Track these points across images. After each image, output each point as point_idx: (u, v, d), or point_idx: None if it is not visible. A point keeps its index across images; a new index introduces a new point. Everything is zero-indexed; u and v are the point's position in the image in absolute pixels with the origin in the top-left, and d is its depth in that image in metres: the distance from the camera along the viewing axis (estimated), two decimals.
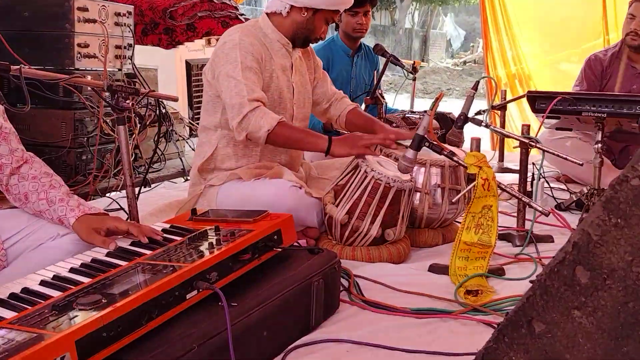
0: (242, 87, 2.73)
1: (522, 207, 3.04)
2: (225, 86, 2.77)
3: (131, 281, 1.66)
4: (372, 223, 2.67)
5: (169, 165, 4.70)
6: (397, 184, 2.66)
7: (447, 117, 4.24)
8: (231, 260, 1.86)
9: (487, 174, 2.40)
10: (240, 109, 2.71)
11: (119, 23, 4.14)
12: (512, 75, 6.39)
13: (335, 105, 3.24)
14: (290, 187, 2.79)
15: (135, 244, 2.01)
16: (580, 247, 1.04)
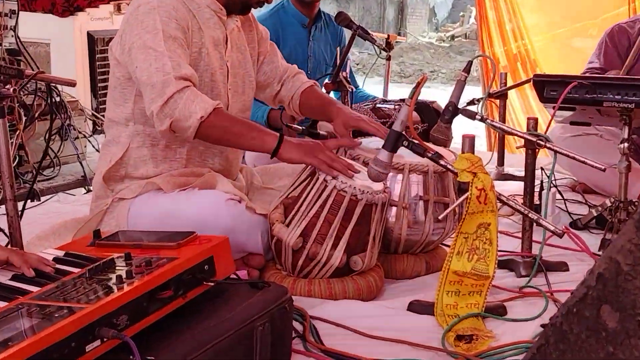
0: (166, 61, 2.70)
1: (528, 226, 3.05)
2: (141, 60, 2.74)
3: (12, 328, 1.63)
4: (335, 248, 2.66)
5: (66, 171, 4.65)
6: (366, 195, 2.65)
7: (431, 107, 4.27)
8: (147, 298, 1.84)
9: (484, 182, 2.41)
10: (164, 88, 2.68)
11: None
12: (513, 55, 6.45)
13: (287, 84, 3.27)
14: (227, 200, 2.77)
15: (18, 278, 1.98)
16: (607, 281, 1.04)
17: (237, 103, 3.07)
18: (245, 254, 2.86)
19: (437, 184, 2.98)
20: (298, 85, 3.25)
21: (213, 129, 2.71)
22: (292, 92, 3.26)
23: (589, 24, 6.24)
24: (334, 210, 2.66)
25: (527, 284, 2.89)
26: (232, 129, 2.74)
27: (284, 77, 3.27)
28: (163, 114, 2.69)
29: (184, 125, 2.68)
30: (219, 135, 2.76)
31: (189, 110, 2.67)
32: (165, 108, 2.68)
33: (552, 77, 3.40)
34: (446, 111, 3.00)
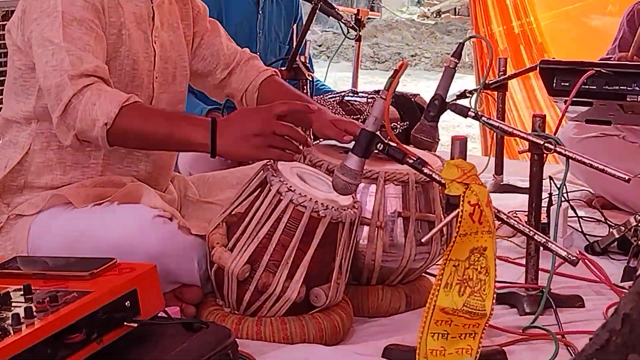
0: (64, 56, 2.68)
1: (533, 250, 3.07)
2: (38, 55, 2.73)
3: None
4: (291, 278, 2.66)
5: None
6: (330, 212, 2.65)
7: (413, 102, 4.28)
8: (52, 344, 1.84)
9: (478, 195, 2.41)
10: (59, 94, 2.66)
11: None
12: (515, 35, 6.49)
13: (238, 73, 3.27)
14: (154, 218, 2.76)
15: None
16: (635, 324, 1.04)
17: (165, 95, 3.06)
18: (178, 285, 2.85)
19: (420, 198, 2.99)
20: (253, 75, 3.25)
21: (126, 135, 2.68)
22: (245, 85, 3.25)
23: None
24: (291, 230, 2.66)
25: (533, 324, 2.90)
26: (149, 131, 2.70)
27: (231, 63, 3.26)
28: (64, 125, 2.68)
29: (91, 135, 2.66)
30: (136, 141, 2.75)
31: (91, 117, 2.63)
32: (65, 118, 2.66)
33: (563, 63, 3.43)
34: (431, 106, 3.02)
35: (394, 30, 22.13)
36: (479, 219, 2.43)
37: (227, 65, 3.25)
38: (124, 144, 2.79)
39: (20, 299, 1.97)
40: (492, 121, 3.08)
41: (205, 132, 2.67)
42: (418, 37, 21.63)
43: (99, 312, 1.97)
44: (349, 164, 2.55)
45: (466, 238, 2.44)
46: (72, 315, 1.90)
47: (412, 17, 25.34)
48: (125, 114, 2.65)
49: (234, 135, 2.66)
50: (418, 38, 21.55)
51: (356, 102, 4.12)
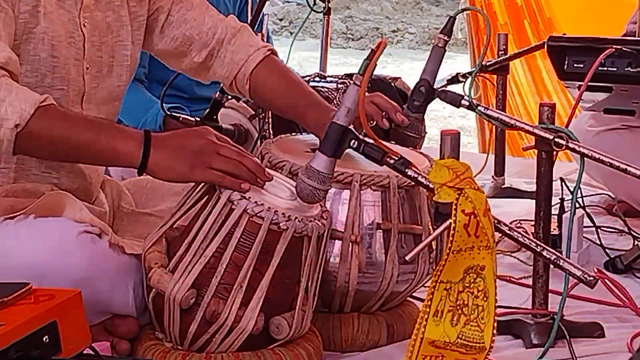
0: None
1: (542, 269, 3.08)
2: None
3: None
4: (246, 305, 2.66)
5: None
6: (294, 223, 2.66)
7: (394, 88, 4.30)
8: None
9: (475, 203, 2.42)
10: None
11: None
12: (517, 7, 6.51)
13: (224, 53, 3.28)
14: (80, 234, 2.75)
15: None
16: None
17: (100, 91, 3.07)
18: (109, 316, 2.85)
19: (404, 205, 3.01)
20: (241, 59, 3.26)
21: (38, 141, 2.67)
22: (232, 71, 3.27)
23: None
24: (245, 247, 2.66)
25: (542, 358, 2.91)
26: (68, 137, 2.69)
27: (210, 43, 3.26)
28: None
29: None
30: (49, 149, 2.74)
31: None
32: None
33: (576, 40, 3.45)
34: (416, 94, 3.04)
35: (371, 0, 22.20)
36: (475, 232, 2.44)
37: (205, 45, 3.26)
38: (33, 152, 2.78)
39: None
40: (490, 111, 3.09)
41: (136, 143, 2.67)
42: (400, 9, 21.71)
43: (10, 349, 1.97)
44: (317, 165, 2.57)
45: (460, 255, 2.45)
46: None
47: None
48: (41, 116, 2.64)
49: (170, 151, 2.68)
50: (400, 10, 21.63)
51: (324, 89, 4.12)
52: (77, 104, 2.99)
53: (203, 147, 2.68)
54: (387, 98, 3.14)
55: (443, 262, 2.45)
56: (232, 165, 2.66)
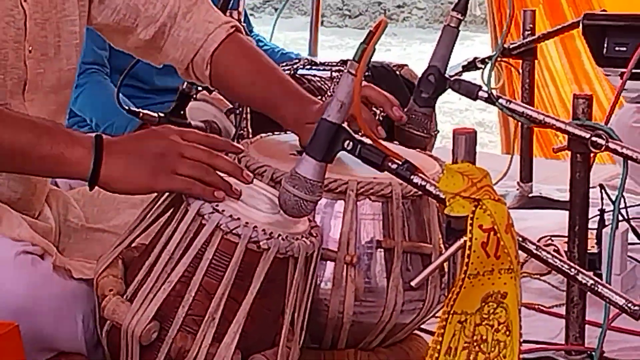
0: None
1: (577, 296, 3.08)
2: None
3: None
4: (219, 341, 2.66)
5: None
6: (277, 242, 2.66)
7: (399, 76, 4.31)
8: None
9: (495, 217, 2.41)
10: None
11: None
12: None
13: (177, 31, 3.29)
14: (18, 254, 2.75)
15: None
16: None
17: (47, 77, 3.08)
18: (54, 353, 2.85)
19: (410, 219, 3.02)
20: (199, 37, 3.28)
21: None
22: (188, 53, 3.29)
23: None
24: (218, 270, 2.66)
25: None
26: (6, 136, 2.70)
27: (158, 17, 3.27)
28: None
29: None
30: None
31: None
32: None
33: (617, 19, 3.45)
34: (424, 84, 3.04)
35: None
36: (495, 252, 2.43)
37: (153, 20, 3.26)
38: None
39: None
40: (513, 105, 3.10)
41: (85, 151, 2.67)
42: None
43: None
44: (303, 171, 2.57)
45: (477, 280, 2.45)
46: None
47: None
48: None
49: (126, 158, 2.68)
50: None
51: (315, 78, 4.13)
52: (18, 95, 3.00)
53: (165, 149, 2.67)
54: (380, 89, 3.12)
55: (457, 288, 2.44)
56: (202, 170, 2.66)
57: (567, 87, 6.42)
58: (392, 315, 2.99)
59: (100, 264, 2.81)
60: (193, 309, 2.66)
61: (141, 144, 2.70)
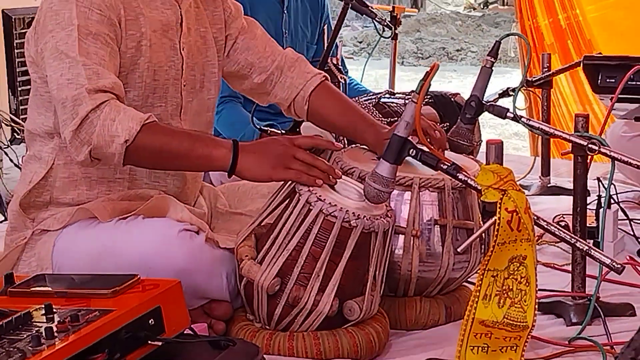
0: (80, 70, 2.71)
1: (579, 257, 3.06)
2: (53, 68, 2.76)
3: None
4: (323, 291, 2.68)
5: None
6: (362, 221, 2.67)
7: (453, 102, 4.28)
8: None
9: (516, 202, 2.41)
10: (75, 107, 2.69)
11: None
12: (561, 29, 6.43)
13: (283, 80, 3.26)
14: (180, 231, 2.78)
15: None
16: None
17: (194, 103, 3.10)
18: (206, 301, 2.88)
19: (458, 204, 3.00)
20: (299, 83, 3.24)
21: (146, 153, 2.72)
22: (291, 94, 3.25)
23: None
24: (321, 242, 2.67)
25: (579, 335, 2.90)
26: (170, 147, 2.74)
27: (268, 68, 3.24)
28: (78, 140, 2.69)
29: (106, 152, 2.69)
30: (153, 159, 2.79)
31: (110, 132, 2.66)
32: (79, 133, 2.68)
33: (608, 59, 3.44)
34: (468, 108, 3.03)
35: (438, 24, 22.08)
36: (517, 227, 2.43)
37: (264, 70, 3.24)
38: (139, 162, 2.82)
39: (42, 319, 2.00)
40: (532, 122, 3.09)
41: (226, 150, 2.72)
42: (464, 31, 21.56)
43: (121, 331, 1.98)
44: (381, 171, 2.59)
45: (504, 247, 2.44)
46: (93, 334, 1.92)
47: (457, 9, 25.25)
48: (146, 131, 2.69)
49: (254, 155, 2.73)
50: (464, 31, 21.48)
51: (393, 104, 4.11)
52: (176, 116, 3.03)
53: (282, 152, 2.72)
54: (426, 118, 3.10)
55: (490, 252, 2.45)
56: (307, 167, 2.70)
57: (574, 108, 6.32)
58: (446, 272, 2.98)
59: (239, 237, 2.85)
60: (304, 268, 2.68)
61: (265, 147, 2.75)
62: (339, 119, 3.21)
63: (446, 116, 4.19)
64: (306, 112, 3.25)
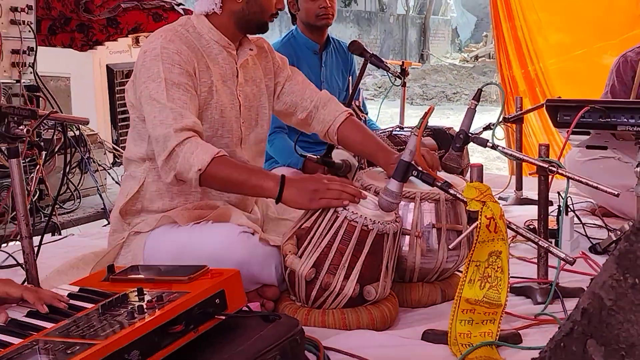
0: (168, 113, 2.76)
1: (543, 252, 3.06)
2: (148, 112, 2.82)
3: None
4: (347, 278, 2.68)
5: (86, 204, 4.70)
6: (377, 225, 2.68)
7: (448, 134, 4.29)
8: (158, 333, 1.87)
9: (493, 210, 2.43)
10: (166, 142, 2.75)
11: (16, 21, 4.16)
12: (531, 78, 6.42)
13: (319, 115, 3.27)
14: (240, 233, 2.80)
15: (33, 314, 2.02)
16: (592, 316, 1.06)
17: (251, 136, 3.11)
18: (259, 285, 2.89)
19: (450, 212, 2.99)
20: (332, 117, 3.25)
21: (214, 179, 2.76)
22: (325, 126, 3.26)
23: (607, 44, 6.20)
24: (346, 241, 2.68)
25: (543, 311, 2.89)
26: (232, 177, 2.76)
27: (309, 107, 3.26)
28: (167, 167, 2.76)
29: (186, 177, 2.74)
30: (220, 185, 2.82)
31: (189, 162, 2.71)
32: (168, 161, 2.75)
33: (564, 101, 3.42)
34: (457, 139, 3.03)
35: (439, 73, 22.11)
36: (494, 229, 2.45)
37: (305, 109, 3.25)
38: (210, 186, 2.85)
39: (135, 299, 2.01)
40: (506, 150, 3.07)
41: (275, 184, 2.73)
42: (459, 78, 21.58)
43: (195, 308, 2.00)
44: (391, 187, 2.60)
45: (485, 244, 2.46)
46: (174, 310, 1.93)
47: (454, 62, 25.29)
48: (215, 163, 2.72)
49: (297, 190, 2.72)
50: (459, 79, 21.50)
51: (402, 135, 4.13)
52: (238, 146, 3.05)
53: (317, 187, 2.72)
54: (427, 147, 3.11)
55: (474, 248, 2.47)
56: (337, 193, 2.70)
57: (540, 138, 6.29)
58: (441, 264, 2.98)
59: (284, 237, 2.85)
60: (333, 261, 2.68)
61: (305, 184, 2.74)
62: (360, 145, 3.22)
63: (442, 145, 4.21)
64: (336, 139, 3.26)
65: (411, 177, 2.60)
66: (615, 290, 1.03)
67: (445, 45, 32.90)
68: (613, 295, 1.03)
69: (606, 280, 1.05)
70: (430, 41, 30.52)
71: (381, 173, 3.17)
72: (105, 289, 2.19)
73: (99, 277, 2.34)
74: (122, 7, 5.57)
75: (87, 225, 4.55)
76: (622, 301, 1.03)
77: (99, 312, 1.95)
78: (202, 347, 2.02)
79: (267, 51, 3.25)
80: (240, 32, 3.04)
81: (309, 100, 3.26)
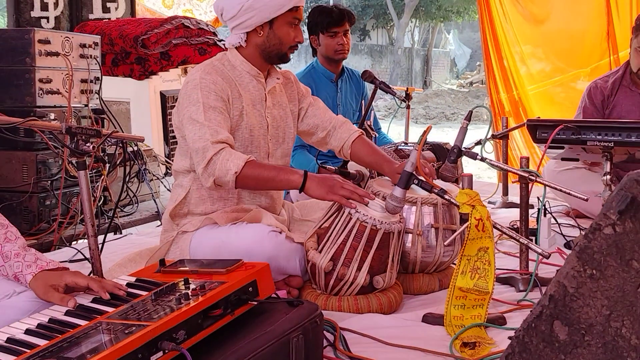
0: (205, 130, 2.78)
1: (524, 248, 3.06)
2: (189, 130, 2.83)
3: (90, 343, 1.68)
4: (359, 270, 2.69)
5: (142, 208, 4.73)
6: (384, 225, 2.68)
7: (444, 148, 4.29)
8: (200, 316, 1.87)
9: (481, 213, 2.43)
10: (204, 153, 2.76)
11: (85, 55, 4.21)
12: (515, 100, 6.40)
13: (335, 134, 3.26)
14: (269, 232, 2.81)
15: (97, 300, 2.04)
16: (557, 301, 1.07)
17: (278, 150, 3.12)
18: (286, 276, 2.89)
19: (446, 214, 2.99)
20: (346, 136, 3.24)
21: (248, 179, 2.76)
22: (341, 143, 3.24)
23: (580, 72, 6.19)
24: (358, 238, 2.68)
25: (524, 298, 2.89)
26: (263, 175, 2.77)
27: (328, 128, 3.25)
28: (207, 173, 2.77)
29: (224, 180, 2.75)
30: (254, 183, 2.81)
31: (225, 167, 2.73)
32: (207, 169, 2.76)
33: (542, 121, 3.42)
34: (452, 153, 3.04)
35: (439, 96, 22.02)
36: (482, 229, 2.45)
37: (325, 129, 3.25)
38: (245, 186, 2.85)
39: (182, 287, 2.02)
40: (493, 162, 3.08)
41: (300, 176, 2.75)
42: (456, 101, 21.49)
43: (231, 295, 2.00)
44: (396, 193, 2.61)
45: (474, 241, 2.47)
46: (214, 297, 1.94)
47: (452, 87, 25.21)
48: (248, 166, 2.74)
49: (317, 182, 2.74)
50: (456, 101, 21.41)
51: (406, 149, 4.12)
52: (266, 160, 3.05)
53: (334, 183, 2.73)
54: (426, 159, 3.11)
55: (465, 244, 2.47)
56: (349, 193, 2.71)
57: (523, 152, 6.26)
58: (439, 258, 2.98)
59: (307, 235, 2.87)
60: (347, 256, 2.69)
61: (324, 179, 2.75)
62: (369, 159, 3.20)
63: (440, 158, 4.19)
64: (349, 155, 3.25)
65: (413, 185, 2.60)
66: (577, 279, 1.04)
67: (445, 73, 32.85)
68: (575, 284, 1.04)
69: (569, 271, 1.06)
70: (432, 70, 30.51)
71: (388, 181, 3.16)
72: (157, 279, 2.20)
73: (153, 269, 2.34)
74: (173, 43, 5.61)
75: (143, 225, 4.58)
76: (582, 289, 1.04)
77: (152, 299, 1.96)
78: (237, 328, 2.02)
79: (293, 82, 3.26)
80: (266, 62, 3.05)
81: (328, 122, 3.26)
